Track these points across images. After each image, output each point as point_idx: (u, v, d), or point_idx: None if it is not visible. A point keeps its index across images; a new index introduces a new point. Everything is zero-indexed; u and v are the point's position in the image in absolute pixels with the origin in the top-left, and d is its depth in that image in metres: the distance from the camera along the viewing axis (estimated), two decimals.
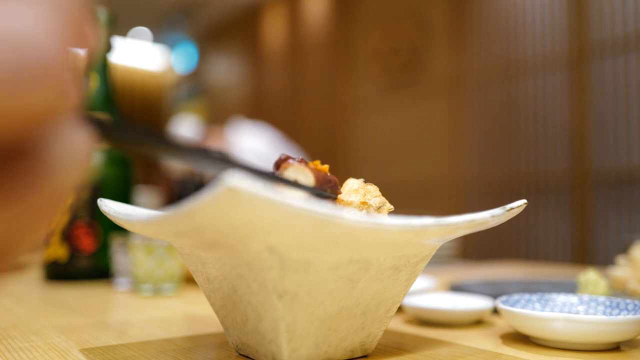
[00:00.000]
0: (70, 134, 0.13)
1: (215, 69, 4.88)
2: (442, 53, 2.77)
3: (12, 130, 0.11)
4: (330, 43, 3.52)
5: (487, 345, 0.42)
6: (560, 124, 2.25)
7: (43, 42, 0.11)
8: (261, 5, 4.21)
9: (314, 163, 0.35)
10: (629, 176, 2.05)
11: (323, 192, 0.34)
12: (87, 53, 0.13)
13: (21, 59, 0.11)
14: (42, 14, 0.12)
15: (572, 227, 2.22)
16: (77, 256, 0.77)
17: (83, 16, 0.13)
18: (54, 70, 0.12)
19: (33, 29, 0.11)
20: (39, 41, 0.11)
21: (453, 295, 0.55)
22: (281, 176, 0.32)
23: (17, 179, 0.12)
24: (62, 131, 0.13)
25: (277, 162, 0.34)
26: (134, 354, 0.38)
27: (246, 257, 0.30)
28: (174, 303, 0.62)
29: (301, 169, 0.34)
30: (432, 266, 1.01)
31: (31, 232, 0.13)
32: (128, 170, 0.84)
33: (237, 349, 0.38)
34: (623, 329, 0.38)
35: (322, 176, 0.34)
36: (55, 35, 0.12)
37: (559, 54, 2.26)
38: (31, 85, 0.11)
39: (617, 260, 0.66)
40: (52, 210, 0.13)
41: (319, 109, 3.61)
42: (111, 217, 0.36)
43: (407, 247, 0.33)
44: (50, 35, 0.12)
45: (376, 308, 0.35)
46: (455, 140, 2.69)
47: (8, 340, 0.42)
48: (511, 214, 0.35)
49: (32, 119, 0.12)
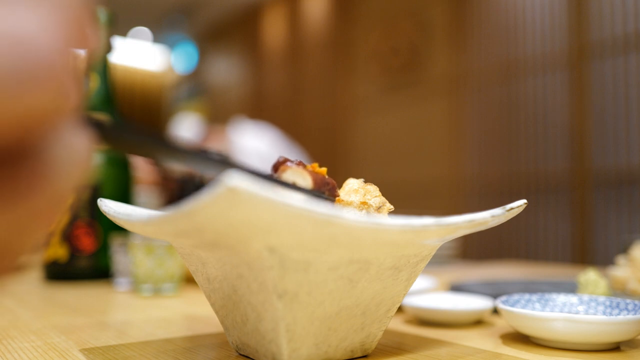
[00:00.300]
0: (70, 136, 0.13)
1: (215, 69, 4.88)
2: (442, 53, 2.77)
3: (14, 131, 0.11)
4: (330, 43, 3.52)
5: (487, 345, 0.42)
6: (560, 124, 2.25)
7: (44, 44, 0.11)
8: (261, 5, 4.21)
9: (312, 166, 0.35)
10: (629, 176, 2.05)
11: (321, 194, 0.34)
12: (88, 54, 0.13)
13: (22, 61, 0.11)
14: (44, 15, 0.12)
15: (572, 227, 2.22)
16: (77, 256, 0.77)
17: (84, 17, 0.13)
18: (56, 72, 0.12)
19: (34, 31, 0.11)
20: (41, 43, 0.11)
21: (453, 295, 0.55)
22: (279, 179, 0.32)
23: (18, 180, 0.12)
24: (62, 133, 0.13)
25: (275, 164, 0.34)
26: (134, 354, 0.38)
27: (246, 257, 0.30)
28: (174, 303, 0.62)
29: (299, 172, 0.34)
30: (432, 266, 1.01)
31: (32, 233, 0.13)
32: (128, 170, 0.84)
33: (237, 349, 0.38)
34: (623, 329, 0.38)
35: (320, 179, 0.34)
36: (57, 37, 0.12)
37: (559, 54, 2.26)
38: (32, 87, 0.11)
39: (617, 260, 0.66)
40: (52, 211, 0.13)
41: (319, 109, 3.61)
42: (111, 217, 0.36)
43: (407, 247, 0.33)
44: (52, 36, 0.12)
45: (376, 308, 0.35)
46: (455, 140, 2.69)
47: (8, 340, 0.42)
48: (511, 214, 0.35)
49: (33, 121, 0.12)
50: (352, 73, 3.34)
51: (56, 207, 0.13)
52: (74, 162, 0.13)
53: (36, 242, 0.13)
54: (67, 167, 0.13)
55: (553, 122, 2.28)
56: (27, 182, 0.12)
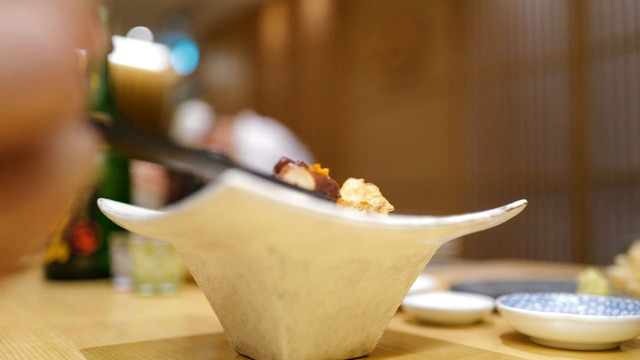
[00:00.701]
0: (73, 136, 0.13)
1: (215, 69, 4.88)
2: (442, 53, 2.77)
3: (18, 133, 0.11)
4: (330, 43, 3.52)
5: (487, 345, 0.42)
6: (560, 124, 2.25)
7: (49, 45, 0.11)
8: (261, 5, 4.21)
9: (314, 166, 0.35)
10: (629, 176, 2.05)
11: (323, 195, 0.34)
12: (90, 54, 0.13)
13: (26, 62, 0.11)
14: (47, 15, 0.12)
15: (572, 227, 2.22)
16: (77, 256, 0.77)
17: (87, 17, 0.13)
18: (59, 73, 0.12)
19: (39, 32, 0.11)
20: (45, 44, 0.11)
21: (453, 295, 0.55)
22: (281, 179, 0.32)
23: (21, 181, 0.12)
24: (66, 133, 0.13)
25: (277, 165, 0.34)
26: (134, 354, 0.38)
27: (246, 257, 0.30)
28: (174, 303, 0.62)
29: (301, 172, 0.34)
30: (432, 266, 1.01)
31: (34, 234, 0.13)
32: (128, 170, 0.84)
33: (237, 349, 0.38)
34: (623, 329, 0.38)
35: (322, 179, 0.34)
36: (61, 37, 0.12)
37: (559, 54, 2.26)
38: (36, 88, 0.11)
39: (617, 260, 0.66)
40: (55, 212, 0.13)
41: (319, 109, 3.61)
42: (111, 217, 0.36)
43: (407, 247, 0.33)
44: (56, 37, 0.12)
45: (376, 308, 0.35)
46: (455, 140, 2.69)
47: (8, 340, 0.42)
48: (511, 214, 0.35)
49: (37, 122, 0.12)
50: (352, 73, 3.34)
51: (59, 208, 0.13)
52: (76, 163, 0.13)
53: (38, 243, 0.13)
54: (70, 167, 0.13)
55: (553, 122, 2.28)
56: (31, 183, 0.12)
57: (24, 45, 0.11)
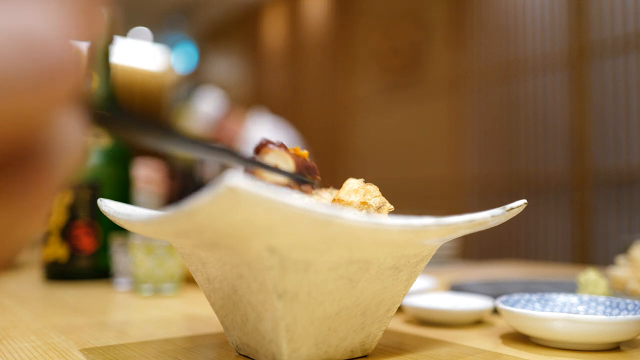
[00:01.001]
0: (67, 127, 0.13)
1: (215, 69, 4.88)
2: (442, 53, 2.77)
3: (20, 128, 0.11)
4: (330, 43, 3.52)
5: (487, 345, 0.42)
6: (560, 124, 2.25)
7: (51, 41, 0.11)
8: (261, 5, 4.20)
9: (294, 149, 0.35)
10: (629, 176, 2.05)
11: (302, 177, 0.34)
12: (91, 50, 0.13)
13: (29, 59, 0.11)
14: (50, 10, 0.12)
15: (572, 227, 2.22)
16: (77, 256, 0.77)
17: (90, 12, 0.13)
18: (62, 69, 0.12)
19: (41, 28, 0.11)
20: (47, 40, 0.11)
21: (453, 295, 0.55)
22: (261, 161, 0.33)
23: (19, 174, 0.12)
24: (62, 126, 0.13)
25: (257, 147, 0.34)
26: (134, 354, 0.38)
27: (246, 257, 0.30)
28: (174, 303, 0.62)
29: (281, 155, 0.34)
30: (432, 266, 1.01)
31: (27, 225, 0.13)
32: (128, 170, 0.84)
33: (237, 349, 0.38)
34: (623, 329, 0.38)
35: (302, 162, 0.34)
36: (63, 34, 0.12)
37: (559, 54, 2.26)
38: (38, 84, 0.11)
39: (617, 260, 0.66)
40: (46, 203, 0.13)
41: (319, 109, 3.61)
42: (111, 217, 0.36)
43: (407, 247, 0.33)
44: (58, 33, 0.12)
45: (376, 308, 0.35)
46: (456, 140, 2.68)
47: (8, 340, 0.42)
48: (511, 214, 0.35)
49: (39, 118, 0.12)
50: (352, 73, 3.34)
51: (50, 199, 0.13)
52: (68, 154, 0.13)
53: (31, 235, 0.13)
54: (62, 159, 0.13)
55: (553, 122, 2.28)
56: (28, 176, 0.12)
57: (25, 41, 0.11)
